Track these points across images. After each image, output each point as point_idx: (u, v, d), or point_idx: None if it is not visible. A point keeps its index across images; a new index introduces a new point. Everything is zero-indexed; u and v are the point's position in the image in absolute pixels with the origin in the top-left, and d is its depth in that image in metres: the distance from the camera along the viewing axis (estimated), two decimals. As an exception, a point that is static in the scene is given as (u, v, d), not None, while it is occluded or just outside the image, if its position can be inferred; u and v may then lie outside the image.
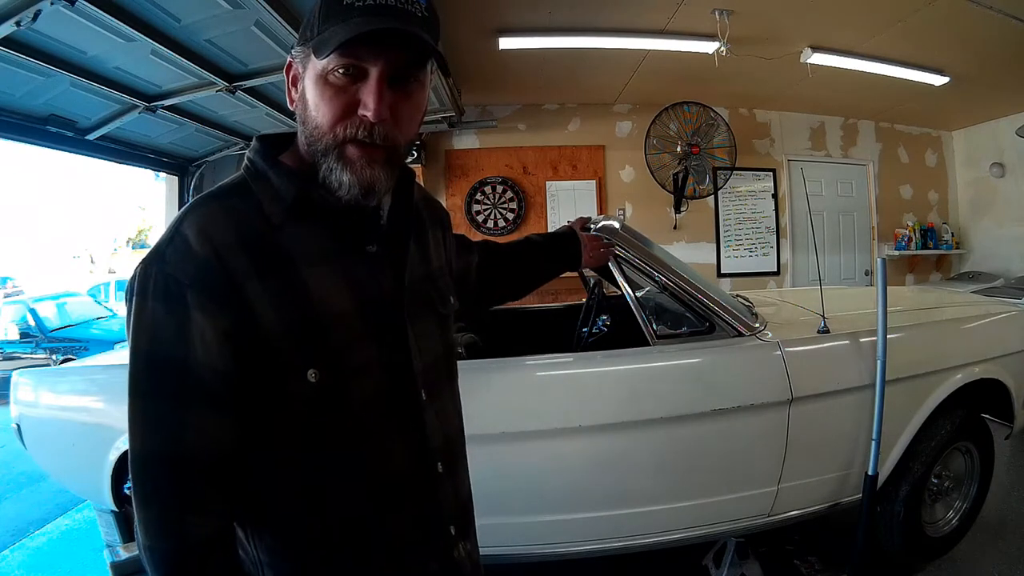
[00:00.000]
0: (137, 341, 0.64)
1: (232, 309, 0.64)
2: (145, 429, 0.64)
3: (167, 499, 0.64)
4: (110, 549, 2.26)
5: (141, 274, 0.65)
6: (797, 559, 2.18)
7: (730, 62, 3.67)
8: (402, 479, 0.74)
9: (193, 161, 4.11)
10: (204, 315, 0.63)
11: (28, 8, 1.82)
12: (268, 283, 0.65)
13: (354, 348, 0.70)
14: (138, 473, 0.64)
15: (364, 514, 0.72)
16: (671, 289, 1.85)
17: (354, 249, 0.72)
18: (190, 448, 0.64)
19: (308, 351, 0.66)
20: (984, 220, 5.48)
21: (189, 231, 0.65)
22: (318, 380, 0.66)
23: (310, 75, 0.67)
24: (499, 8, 3.30)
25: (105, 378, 2.15)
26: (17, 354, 6.99)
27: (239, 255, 0.65)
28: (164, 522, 0.64)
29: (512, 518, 1.74)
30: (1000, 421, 2.16)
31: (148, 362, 0.64)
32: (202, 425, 0.64)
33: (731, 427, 1.76)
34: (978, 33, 3.47)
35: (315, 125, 0.67)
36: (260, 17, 2.19)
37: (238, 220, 0.67)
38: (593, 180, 5.09)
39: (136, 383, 0.65)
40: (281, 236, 0.68)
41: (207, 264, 0.64)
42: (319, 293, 0.68)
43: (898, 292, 2.90)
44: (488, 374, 1.77)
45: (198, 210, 0.67)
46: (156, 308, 0.63)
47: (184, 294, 0.63)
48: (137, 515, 0.64)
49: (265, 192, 0.70)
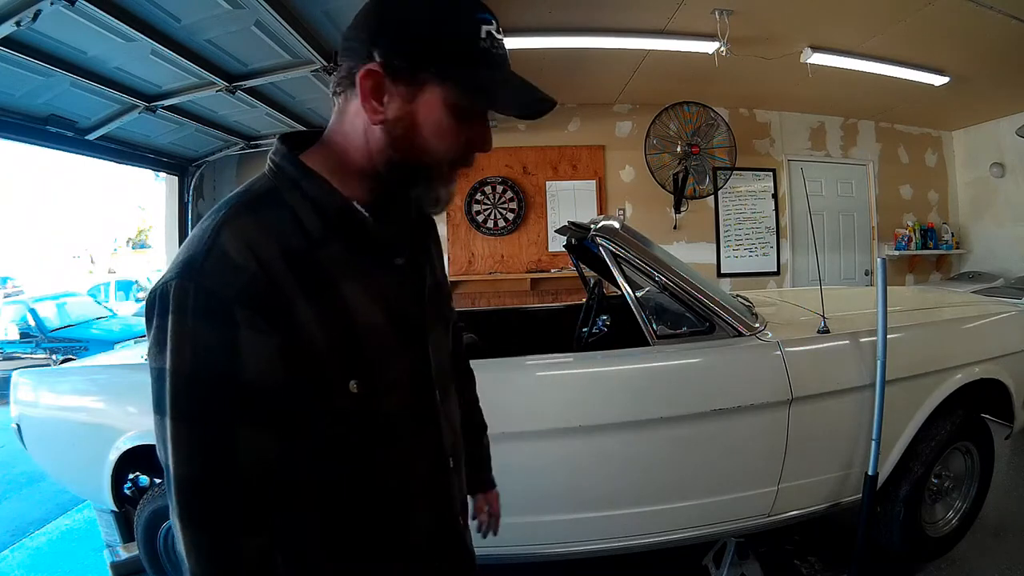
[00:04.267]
0: (177, 361, 0.60)
1: (281, 326, 0.62)
2: (192, 453, 0.61)
3: (222, 523, 0.61)
4: (110, 549, 2.26)
5: (178, 289, 0.60)
6: (797, 559, 2.18)
7: (730, 62, 3.67)
8: (425, 479, 0.77)
9: (193, 161, 4.11)
10: (254, 332, 0.61)
11: (28, 8, 1.82)
12: (313, 300, 0.65)
13: (387, 359, 0.71)
14: (186, 498, 0.61)
15: (393, 516, 0.74)
16: (671, 289, 1.85)
17: (385, 262, 0.73)
18: (242, 469, 0.61)
19: (350, 364, 0.67)
20: (984, 220, 5.48)
21: (230, 244, 0.62)
22: (359, 391, 0.67)
23: (432, 102, 0.66)
24: (499, 8, 3.28)
25: (105, 378, 2.15)
26: (17, 354, 6.98)
27: (284, 271, 0.63)
28: (219, 547, 0.61)
29: (512, 518, 1.72)
30: (1000, 421, 2.16)
31: (193, 382, 0.60)
32: (251, 444, 0.62)
33: (731, 427, 1.76)
34: (978, 33, 3.47)
35: (427, 150, 0.68)
36: (260, 17, 2.20)
37: (278, 233, 0.65)
38: (593, 180, 5.10)
39: (178, 404, 0.60)
40: (321, 251, 0.67)
41: (255, 279, 0.61)
42: (358, 308, 0.68)
43: (898, 292, 2.90)
44: (488, 374, 1.77)
45: (235, 221, 0.64)
46: (199, 326, 0.60)
47: (231, 311, 0.60)
48: (185, 541, 0.61)
49: (301, 204, 0.68)
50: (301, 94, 3.20)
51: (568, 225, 2.28)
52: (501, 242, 5.09)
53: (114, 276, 15.32)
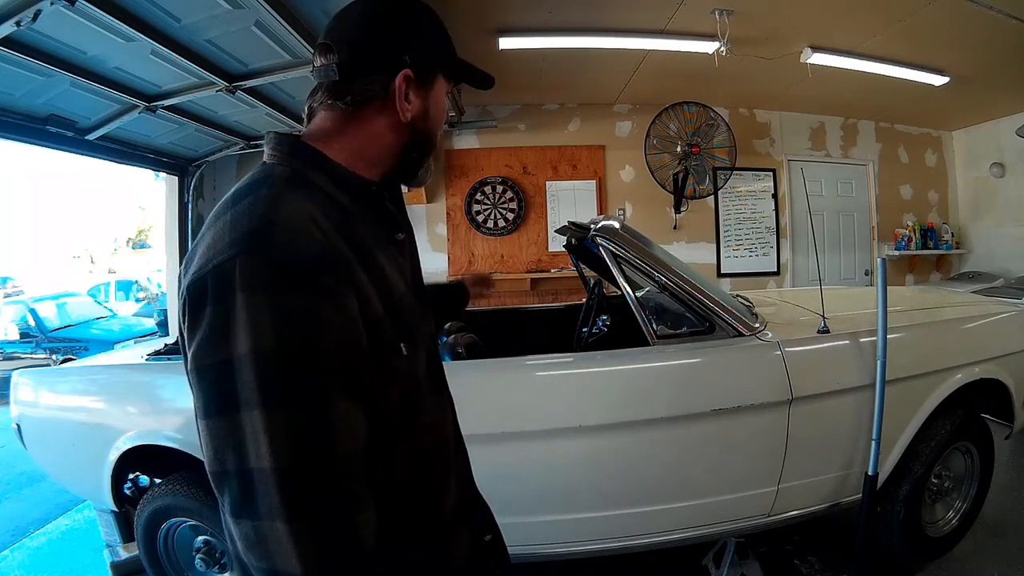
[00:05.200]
0: (259, 342, 0.55)
1: (353, 291, 0.63)
2: (293, 438, 0.56)
3: (336, 506, 0.58)
4: (110, 549, 2.26)
5: (244, 267, 0.57)
6: (797, 559, 2.18)
7: (730, 62, 3.67)
8: (449, 443, 0.84)
9: (193, 161, 4.11)
10: (335, 300, 0.60)
11: (28, 8, 1.82)
12: (367, 265, 0.68)
13: (417, 323, 0.77)
14: (291, 491, 0.55)
15: (431, 482, 0.78)
16: (671, 289, 1.85)
17: (392, 238, 0.79)
18: (344, 445, 0.59)
19: (399, 327, 0.71)
20: (984, 220, 5.48)
21: (294, 216, 0.62)
22: (407, 353, 0.71)
23: (438, 91, 0.79)
24: (499, 8, 3.30)
25: (105, 378, 2.15)
26: (17, 354, 6.99)
27: (340, 240, 0.65)
28: (338, 532, 0.58)
29: (512, 518, 1.72)
30: (1000, 421, 2.17)
31: (283, 362, 0.56)
32: (348, 418, 0.60)
33: (731, 427, 1.76)
34: (978, 33, 3.47)
35: (433, 131, 0.80)
36: (260, 17, 2.20)
37: (324, 206, 0.67)
38: (593, 180, 5.10)
39: (266, 390, 0.55)
40: (357, 223, 0.70)
41: (328, 248, 0.62)
42: (391, 275, 0.73)
43: (898, 292, 2.90)
44: (488, 374, 1.77)
45: (287, 196, 0.65)
46: (279, 299, 0.56)
47: (314, 279, 0.58)
48: (292, 540, 0.55)
49: (327, 182, 0.71)
50: (301, 94, 3.18)
51: (568, 225, 2.28)
52: (501, 242, 5.09)
53: (114, 276, 15.32)
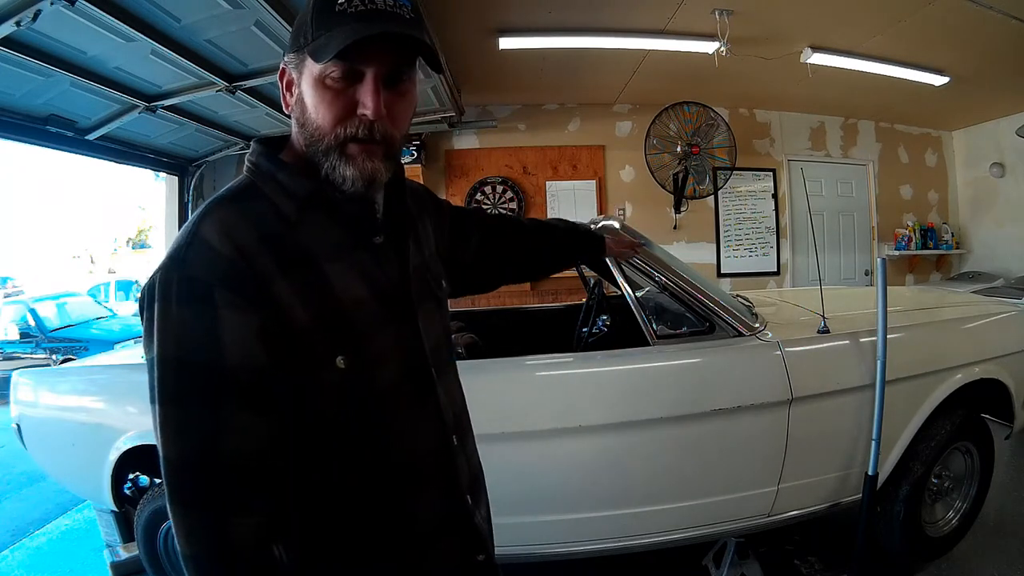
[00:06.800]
0: (164, 347, 0.63)
1: (262, 306, 0.65)
2: (179, 435, 0.63)
3: (210, 503, 0.63)
4: (110, 549, 2.26)
5: (162, 280, 0.64)
6: (797, 559, 2.18)
7: (730, 62, 3.67)
8: (426, 456, 0.79)
9: (193, 161, 4.11)
10: (235, 313, 0.63)
11: (28, 8, 1.82)
12: (294, 279, 0.67)
13: (375, 334, 0.74)
14: (174, 480, 0.63)
15: (395, 495, 0.75)
16: (671, 289, 1.85)
17: (363, 242, 0.76)
18: (228, 450, 0.63)
19: (336, 339, 0.69)
20: (984, 220, 5.47)
21: (209, 233, 0.65)
22: (347, 366, 0.69)
23: (307, 79, 0.69)
24: (499, 8, 3.30)
25: (105, 378, 2.15)
26: (17, 354, 6.98)
27: (262, 253, 0.66)
28: (208, 527, 0.63)
29: (512, 518, 1.73)
30: (1000, 421, 2.16)
31: (178, 367, 0.63)
32: (238, 425, 0.63)
33: (731, 427, 1.76)
34: (978, 33, 3.47)
35: (316, 126, 0.70)
36: (260, 17, 2.20)
37: (256, 219, 0.69)
38: (593, 180, 5.09)
39: (165, 389, 0.63)
40: (298, 233, 0.70)
41: (233, 263, 0.64)
42: (340, 285, 0.71)
43: (898, 292, 2.90)
44: (488, 374, 1.77)
45: (213, 213, 0.68)
46: (183, 311, 0.63)
47: (212, 294, 0.63)
48: (176, 525, 0.63)
49: (276, 191, 0.72)
50: (301, 94, 3.19)
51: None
52: (501, 242, 5.08)
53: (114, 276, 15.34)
